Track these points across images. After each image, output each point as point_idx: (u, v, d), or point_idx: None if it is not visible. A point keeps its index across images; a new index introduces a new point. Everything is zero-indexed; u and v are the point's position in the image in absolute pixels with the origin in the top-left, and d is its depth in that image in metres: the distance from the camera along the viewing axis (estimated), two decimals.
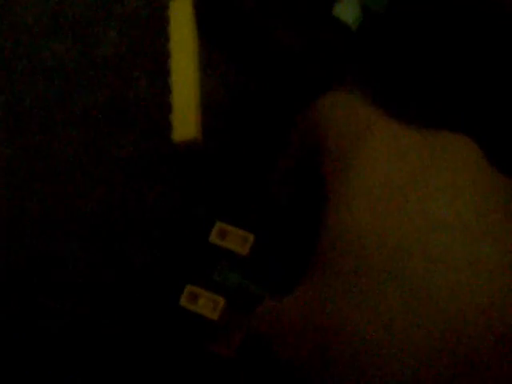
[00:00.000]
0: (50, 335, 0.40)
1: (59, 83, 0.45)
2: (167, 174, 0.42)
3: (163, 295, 0.38)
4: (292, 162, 0.32)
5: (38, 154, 0.44)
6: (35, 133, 0.45)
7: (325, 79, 0.41)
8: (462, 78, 0.40)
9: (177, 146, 0.42)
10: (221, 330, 0.34)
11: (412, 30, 0.39)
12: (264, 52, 0.42)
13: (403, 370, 0.22)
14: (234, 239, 0.36)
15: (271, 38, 0.42)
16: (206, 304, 0.34)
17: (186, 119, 0.42)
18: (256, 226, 0.38)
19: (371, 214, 0.24)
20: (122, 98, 0.45)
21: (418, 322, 0.22)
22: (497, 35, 0.39)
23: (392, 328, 0.22)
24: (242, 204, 0.40)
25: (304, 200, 0.32)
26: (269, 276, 0.36)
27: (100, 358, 0.38)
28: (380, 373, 0.22)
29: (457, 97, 0.39)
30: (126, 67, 0.45)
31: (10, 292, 0.42)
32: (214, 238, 0.36)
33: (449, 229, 0.23)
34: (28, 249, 0.42)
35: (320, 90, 0.41)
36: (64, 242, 0.42)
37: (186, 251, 0.39)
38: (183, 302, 0.35)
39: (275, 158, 0.41)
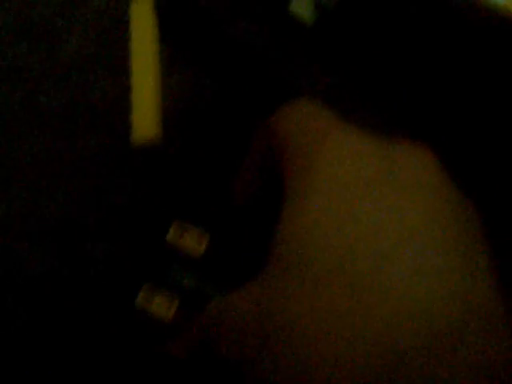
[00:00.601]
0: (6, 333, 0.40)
1: (24, 84, 0.46)
2: (129, 173, 0.43)
3: (121, 293, 0.39)
4: (253, 167, 0.32)
5: (1, 156, 0.45)
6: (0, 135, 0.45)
7: (285, 79, 0.42)
8: (419, 79, 0.40)
9: (137, 145, 0.43)
10: (174, 330, 0.35)
11: (361, 26, 0.40)
12: (223, 51, 0.43)
13: (337, 367, 0.22)
14: (191, 238, 0.36)
15: (229, 36, 0.42)
16: (162, 304, 0.35)
17: (145, 119, 0.42)
18: (213, 226, 0.38)
19: (323, 215, 0.24)
20: (85, 99, 0.45)
21: (356, 322, 0.22)
22: (447, 30, 0.39)
23: (332, 326, 0.22)
24: (201, 204, 0.40)
25: (264, 204, 0.32)
26: (223, 276, 0.36)
27: (54, 357, 0.39)
28: (319, 369, 0.22)
29: (414, 99, 0.40)
30: (90, 68, 0.45)
31: None
32: (171, 236, 0.36)
33: (395, 234, 0.23)
34: None
35: (281, 92, 0.41)
36: (25, 241, 0.42)
37: (145, 249, 0.40)
38: (139, 300, 0.35)
39: (235, 160, 0.42)
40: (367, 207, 0.24)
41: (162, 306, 0.35)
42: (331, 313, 0.23)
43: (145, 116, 0.42)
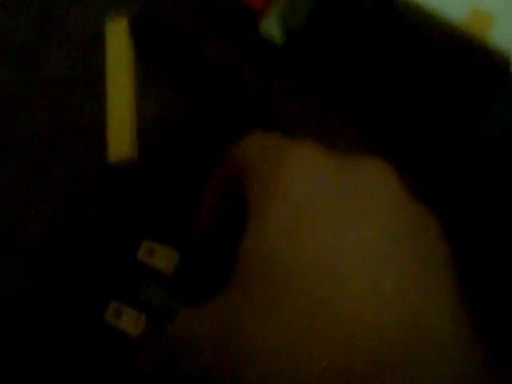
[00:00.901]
0: None
1: (1, 107, 0.46)
2: (103, 192, 0.43)
3: (89, 310, 0.39)
4: (215, 194, 0.33)
5: None
6: None
7: (256, 97, 0.42)
8: (381, 97, 0.41)
9: (112, 165, 0.43)
10: (142, 346, 0.35)
11: (328, 43, 0.40)
12: (196, 70, 0.43)
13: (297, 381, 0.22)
14: (161, 257, 0.36)
15: (203, 56, 0.43)
16: (129, 320, 0.35)
17: (120, 139, 0.43)
18: (182, 245, 0.38)
19: (282, 235, 0.25)
20: (63, 121, 0.45)
21: (313, 341, 0.23)
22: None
23: (289, 345, 0.23)
24: (171, 223, 0.40)
25: (228, 227, 0.33)
26: (191, 293, 0.37)
27: (23, 372, 0.39)
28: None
29: (377, 116, 0.40)
30: (68, 90, 0.46)
31: None
32: (141, 255, 0.37)
33: (352, 255, 0.24)
34: None
35: (253, 110, 0.42)
36: (8, 263, 0.43)
37: (115, 267, 0.40)
38: (107, 316, 0.36)
39: (206, 181, 0.42)
40: (326, 226, 0.24)
41: (130, 323, 0.35)
42: (288, 332, 0.23)
43: (119, 135, 0.43)
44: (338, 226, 0.24)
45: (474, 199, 0.38)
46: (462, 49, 0.37)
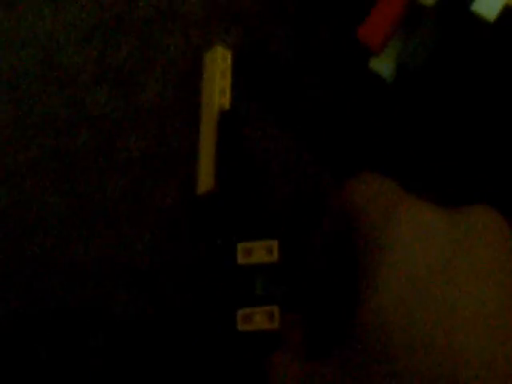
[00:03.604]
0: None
1: (103, 131, 0.47)
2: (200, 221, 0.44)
3: (218, 329, 0.39)
4: (326, 239, 0.32)
5: (83, 202, 0.45)
6: (80, 181, 0.46)
7: (358, 138, 0.43)
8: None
9: (199, 197, 0.43)
10: (282, 335, 0.35)
11: (447, 84, 0.42)
12: (297, 106, 0.44)
13: None
14: (260, 252, 0.37)
15: (306, 94, 0.44)
16: (262, 318, 0.35)
17: (209, 171, 0.43)
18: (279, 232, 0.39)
19: (397, 306, 0.24)
20: (164, 147, 0.46)
21: None
22: None
23: None
24: (256, 219, 0.41)
25: (338, 271, 0.33)
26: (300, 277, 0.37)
27: None
28: None
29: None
30: (168, 115, 0.46)
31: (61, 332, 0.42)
32: (241, 258, 0.37)
33: (471, 321, 0.23)
34: (80, 293, 0.43)
35: (352, 146, 0.43)
36: (113, 288, 0.43)
37: (222, 282, 0.40)
38: (240, 326, 0.35)
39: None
40: (441, 292, 0.24)
41: (264, 320, 0.35)
42: None
43: (209, 168, 0.43)
44: (453, 291, 0.24)
45: None
46: None
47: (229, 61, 0.46)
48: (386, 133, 0.43)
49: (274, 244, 0.36)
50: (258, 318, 0.35)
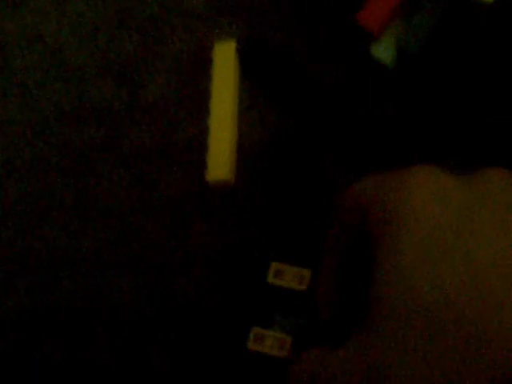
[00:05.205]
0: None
1: (108, 124, 0.47)
2: (213, 212, 0.44)
3: (228, 338, 0.39)
4: (339, 235, 0.32)
5: (89, 195, 0.46)
6: (86, 174, 0.46)
7: (359, 120, 0.43)
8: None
9: (210, 185, 0.44)
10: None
11: (446, 70, 0.42)
12: (301, 91, 0.45)
13: None
14: (291, 276, 0.36)
15: (310, 79, 0.44)
16: (273, 344, 0.35)
17: (219, 160, 0.43)
18: (314, 262, 0.38)
19: (418, 268, 0.24)
20: (168, 139, 0.46)
21: (472, 370, 0.23)
22: None
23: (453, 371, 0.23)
24: (297, 243, 0.40)
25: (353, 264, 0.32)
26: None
27: None
28: None
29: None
30: (172, 108, 0.47)
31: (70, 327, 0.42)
32: (271, 278, 0.37)
33: (496, 266, 0.24)
34: (85, 285, 0.43)
35: (354, 131, 0.43)
36: (117, 278, 0.43)
37: (246, 294, 0.40)
38: (251, 344, 0.35)
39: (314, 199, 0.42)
40: (463, 246, 0.24)
41: (274, 346, 0.35)
42: (447, 367, 0.23)
43: (219, 157, 0.43)
44: (475, 243, 0.24)
45: None
46: None
47: (235, 52, 0.46)
48: (388, 119, 0.43)
49: (307, 273, 0.37)
50: (269, 342, 0.35)
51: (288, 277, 0.36)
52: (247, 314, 0.39)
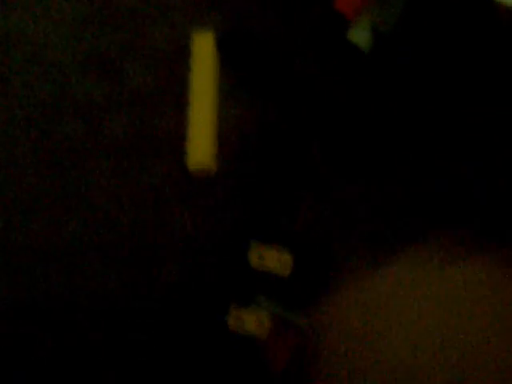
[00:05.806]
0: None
1: (89, 117, 0.48)
2: (196, 199, 0.44)
3: (208, 314, 0.39)
4: None
5: (72, 187, 0.46)
6: (68, 167, 0.46)
7: (341, 105, 0.44)
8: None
9: (191, 173, 0.44)
10: (267, 347, 0.35)
11: (419, 49, 0.42)
12: (282, 78, 0.45)
13: None
14: (274, 261, 0.36)
15: (289, 64, 0.45)
16: (253, 321, 0.35)
17: (200, 148, 0.43)
18: (296, 246, 0.39)
19: None
20: (149, 129, 0.47)
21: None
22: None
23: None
24: (278, 227, 0.41)
25: None
26: (310, 297, 0.36)
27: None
28: None
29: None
30: (153, 99, 0.47)
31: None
32: (253, 259, 0.37)
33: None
34: (73, 277, 0.44)
35: (335, 117, 0.43)
36: (103, 266, 0.43)
37: (227, 270, 0.40)
38: (230, 320, 0.35)
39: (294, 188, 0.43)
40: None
41: (253, 323, 0.35)
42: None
43: (200, 146, 0.44)
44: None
45: None
46: None
47: (213, 43, 0.46)
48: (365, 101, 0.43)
49: (288, 257, 0.37)
50: (248, 319, 0.35)
51: (271, 261, 0.37)
52: (229, 294, 0.39)
